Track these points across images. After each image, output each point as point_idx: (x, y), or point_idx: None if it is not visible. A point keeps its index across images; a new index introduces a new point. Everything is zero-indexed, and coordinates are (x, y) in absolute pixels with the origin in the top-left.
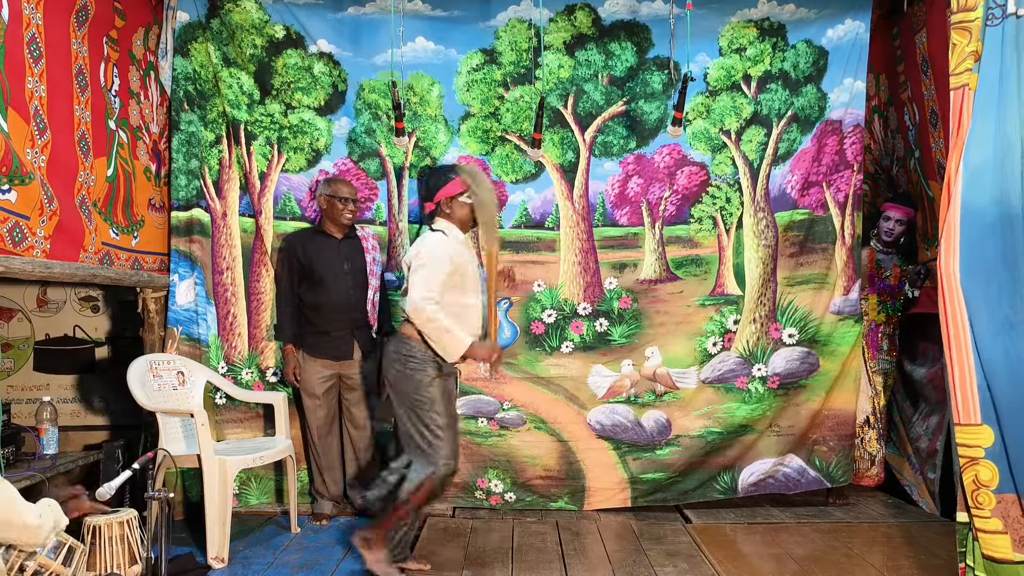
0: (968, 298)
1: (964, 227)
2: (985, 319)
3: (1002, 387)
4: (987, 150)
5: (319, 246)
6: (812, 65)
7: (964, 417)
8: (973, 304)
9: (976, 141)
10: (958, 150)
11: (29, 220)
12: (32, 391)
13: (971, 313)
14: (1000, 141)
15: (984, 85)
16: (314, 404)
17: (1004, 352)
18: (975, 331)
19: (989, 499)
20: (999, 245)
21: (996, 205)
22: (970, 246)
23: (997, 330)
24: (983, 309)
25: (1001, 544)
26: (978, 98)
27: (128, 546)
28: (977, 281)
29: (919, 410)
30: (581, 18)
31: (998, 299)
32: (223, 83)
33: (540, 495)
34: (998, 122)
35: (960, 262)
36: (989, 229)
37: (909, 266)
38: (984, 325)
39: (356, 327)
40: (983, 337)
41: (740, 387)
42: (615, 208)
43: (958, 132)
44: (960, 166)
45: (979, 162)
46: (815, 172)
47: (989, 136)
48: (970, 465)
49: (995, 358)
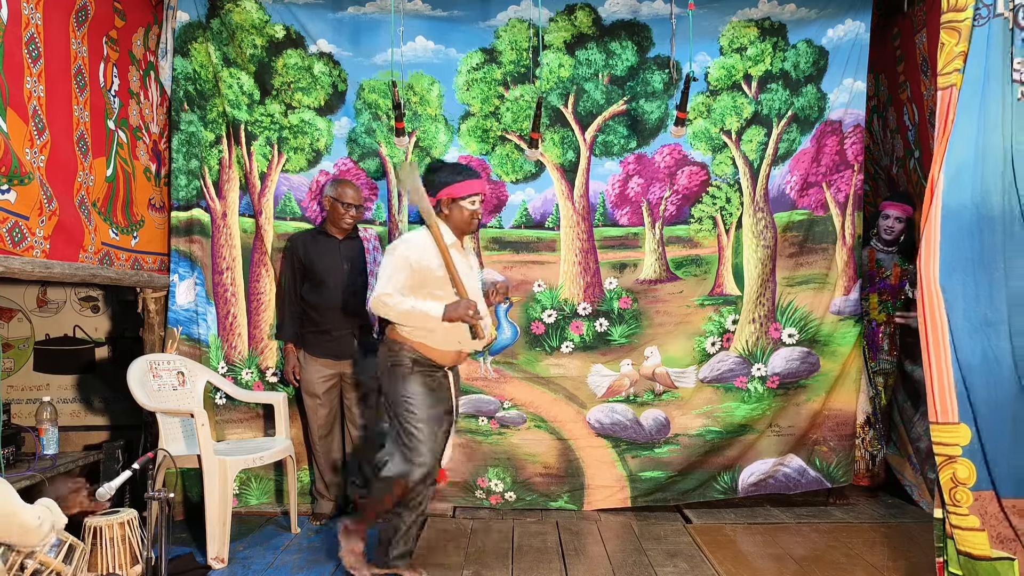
0: (947, 297)
1: (944, 227)
2: (963, 318)
3: (979, 385)
4: (968, 150)
5: (320, 246)
6: (812, 65)
7: (942, 416)
8: (952, 303)
9: (958, 141)
10: (942, 150)
11: (28, 220)
12: (32, 391)
13: (949, 312)
14: (982, 141)
15: (968, 85)
16: (315, 404)
17: (982, 351)
18: (953, 330)
19: (967, 496)
20: (977, 245)
21: (976, 205)
22: (950, 245)
23: (975, 328)
24: (961, 308)
25: (978, 541)
26: (962, 97)
27: (129, 546)
28: (956, 280)
29: (919, 410)
30: (581, 17)
31: (976, 298)
32: (223, 83)
33: (540, 494)
34: (980, 122)
35: (940, 261)
36: (967, 229)
37: (909, 265)
38: (962, 323)
39: (357, 327)
40: (961, 336)
41: (739, 387)
42: (615, 208)
43: (944, 132)
44: (943, 166)
45: (960, 162)
46: (814, 172)
47: (971, 136)
48: (947, 463)
49: (973, 357)
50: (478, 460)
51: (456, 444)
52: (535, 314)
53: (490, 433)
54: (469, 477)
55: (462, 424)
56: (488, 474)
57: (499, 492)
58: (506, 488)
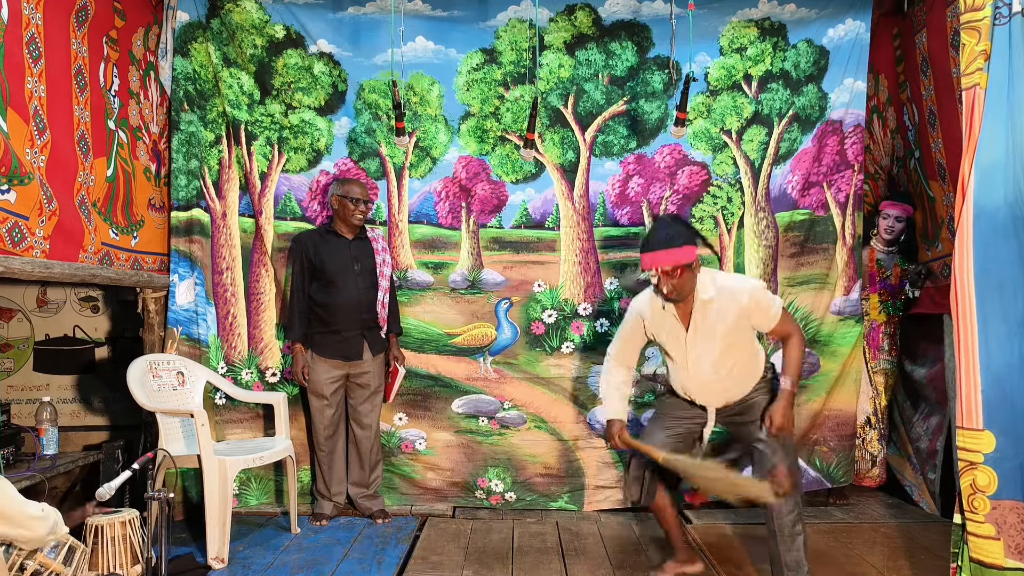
0: (981, 300)
1: (977, 227)
2: (1000, 321)
3: (1017, 391)
4: (998, 150)
5: (330, 246)
6: (813, 65)
7: (967, 421)
8: (986, 306)
9: (986, 141)
10: (971, 151)
11: (28, 220)
12: (32, 391)
13: (983, 315)
14: (1012, 141)
15: (993, 85)
16: (321, 404)
17: (1019, 354)
18: (987, 334)
19: (984, 504)
20: (1013, 246)
21: (1009, 206)
22: (983, 247)
23: (1012, 331)
24: (998, 311)
25: (993, 549)
26: (988, 97)
27: (130, 546)
28: (991, 283)
29: (919, 410)
30: (581, 18)
31: (1013, 300)
32: (223, 83)
33: (540, 494)
34: (1009, 122)
35: (974, 264)
36: (1002, 230)
37: (910, 266)
38: (999, 326)
39: (366, 327)
40: (998, 339)
41: None
42: (616, 208)
43: (970, 132)
44: (973, 167)
45: (989, 162)
46: (815, 172)
47: (1000, 136)
48: (969, 469)
49: (1011, 360)
50: (478, 460)
51: (456, 444)
52: (535, 314)
53: (490, 433)
54: (469, 477)
55: (462, 424)
56: (488, 474)
57: (499, 492)
58: (506, 488)
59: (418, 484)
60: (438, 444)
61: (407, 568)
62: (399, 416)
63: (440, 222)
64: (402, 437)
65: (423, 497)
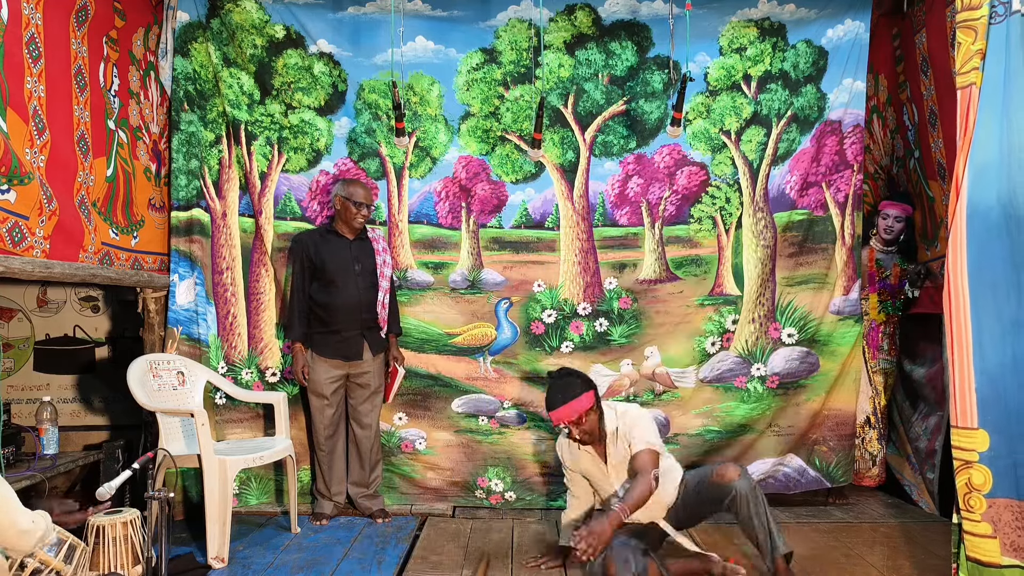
0: (975, 299)
1: (970, 226)
2: (993, 320)
3: (1010, 389)
4: (992, 149)
5: (331, 246)
6: (812, 65)
7: (961, 420)
8: (980, 305)
9: (981, 140)
10: (966, 149)
11: (28, 220)
12: (32, 391)
13: (977, 314)
14: (1006, 140)
15: (989, 83)
16: (322, 404)
17: (1012, 354)
18: (980, 333)
19: (980, 503)
20: (1006, 245)
21: (1002, 205)
22: (977, 246)
23: (1005, 331)
24: (991, 309)
25: (989, 548)
26: (983, 96)
27: (131, 546)
28: (984, 282)
29: (918, 410)
30: (581, 18)
31: (1006, 299)
32: (223, 83)
33: (540, 493)
34: (1003, 120)
35: (968, 262)
36: (995, 229)
37: (909, 265)
38: (993, 325)
39: (366, 327)
40: (991, 338)
41: (739, 387)
42: (615, 208)
43: (966, 131)
44: (967, 166)
45: (984, 161)
46: (814, 172)
47: (994, 135)
48: (964, 468)
49: (1003, 360)
50: (478, 460)
51: (456, 444)
52: (535, 314)
53: (490, 433)
54: (469, 477)
55: (462, 424)
56: (488, 474)
57: (499, 492)
58: (506, 488)
59: (418, 484)
60: (438, 444)
61: (407, 568)
62: (399, 416)
63: (440, 222)
64: (402, 437)
65: (423, 497)
